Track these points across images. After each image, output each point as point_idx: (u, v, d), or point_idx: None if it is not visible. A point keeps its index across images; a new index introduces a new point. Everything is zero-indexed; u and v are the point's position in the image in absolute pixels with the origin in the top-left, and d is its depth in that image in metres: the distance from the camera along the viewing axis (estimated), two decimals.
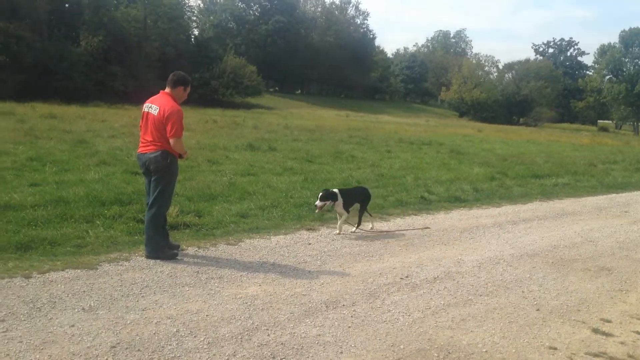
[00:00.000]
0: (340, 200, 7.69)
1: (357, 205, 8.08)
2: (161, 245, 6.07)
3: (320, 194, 7.71)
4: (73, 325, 4.22)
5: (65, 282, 5.13)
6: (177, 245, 6.41)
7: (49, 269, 5.44)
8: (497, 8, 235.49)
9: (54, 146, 13.58)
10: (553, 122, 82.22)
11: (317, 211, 7.89)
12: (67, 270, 5.45)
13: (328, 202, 7.63)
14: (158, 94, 6.17)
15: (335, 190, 7.82)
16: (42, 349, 3.84)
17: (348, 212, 7.79)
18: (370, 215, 8.37)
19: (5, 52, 37.77)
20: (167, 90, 6.13)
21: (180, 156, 6.17)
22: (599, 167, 18.81)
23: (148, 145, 5.99)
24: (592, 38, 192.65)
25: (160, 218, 6.12)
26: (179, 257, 6.11)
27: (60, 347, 3.87)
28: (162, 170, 5.96)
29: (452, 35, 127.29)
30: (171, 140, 5.90)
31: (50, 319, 4.33)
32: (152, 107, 6.02)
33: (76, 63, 43.21)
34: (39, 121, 19.83)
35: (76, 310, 4.52)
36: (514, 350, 4.31)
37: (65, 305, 4.60)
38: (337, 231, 7.77)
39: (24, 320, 4.28)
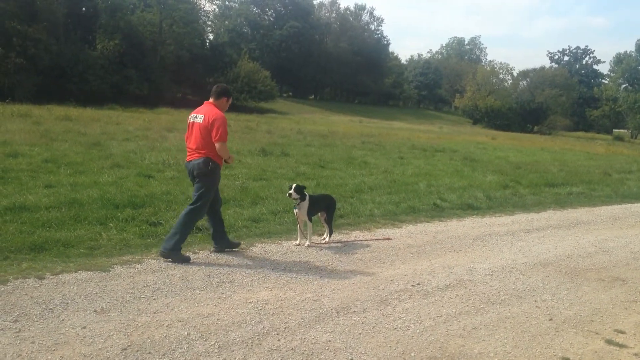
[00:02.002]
0: (306, 202, 7.26)
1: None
2: (179, 247, 6.18)
3: (294, 185, 7.27)
4: (85, 327, 4.25)
5: (78, 283, 5.17)
6: (238, 243, 6.82)
7: (62, 271, 5.48)
8: (513, 15, 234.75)
9: (69, 148, 13.70)
10: (568, 130, 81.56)
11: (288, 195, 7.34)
12: (79, 272, 5.49)
13: (296, 198, 7.19)
14: (202, 105, 6.50)
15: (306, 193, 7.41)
16: (54, 350, 3.86)
17: (310, 220, 7.32)
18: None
19: (23, 54, 38.20)
20: (211, 100, 6.48)
21: (226, 161, 6.50)
22: (614, 177, 18.63)
23: (193, 154, 6.33)
24: (608, 46, 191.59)
25: (194, 219, 6.40)
26: (191, 261, 6.14)
27: (71, 349, 3.89)
28: (205, 176, 6.26)
29: (466, 42, 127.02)
30: (217, 145, 6.21)
31: (63, 320, 4.36)
32: (197, 116, 6.37)
33: (92, 66, 43.62)
34: (55, 123, 20.02)
35: (88, 312, 4.55)
36: None
37: (77, 306, 4.63)
38: (298, 242, 7.29)
39: (37, 321, 4.31)
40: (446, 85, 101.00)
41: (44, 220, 6.96)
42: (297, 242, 7.31)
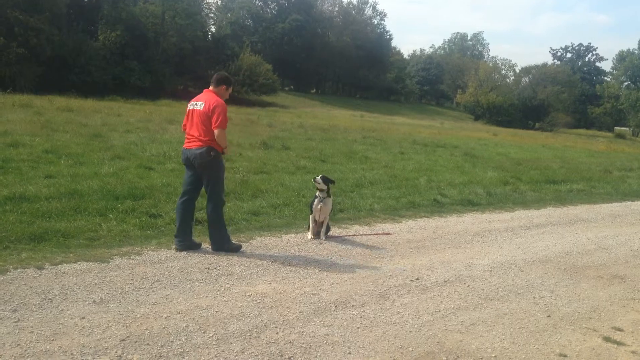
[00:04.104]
0: (331, 199, 7.41)
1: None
2: (226, 238, 6.37)
3: (322, 176, 7.39)
4: (84, 318, 4.26)
5: (77, 274, 5.18)
6: (199, 243, 6.50)
7: (61, 261, 5.49)
8: (516, 11, 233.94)
9: (69, 139, 13.69)
10: (569, 127, 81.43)
11: (314, 182, 7.43)
12: (79, 262, 5.50)
13: (323, 190, 7.26)
14: (202, 93, 6.44)
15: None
16: (53, 340, 3.87)
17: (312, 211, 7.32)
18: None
19: (24, 44, 38.15)
20: (211, 88, 6.43)
21: (223, 151, 6.37)
22: (615, 174, 18.63)
23: (194, 141, 6.24)
24: (611, 44, 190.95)
25: (219, 213, 6.40)
26: (190, 253, 6.15)
27: (70, 339, 3.90)
28: (208, 165, 6.20)
29: (469, 38, 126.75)
30: (215, 131, 6.14)
31: (62, 310, 4.37)
32: (197, 103, 6.31)
33: (94, 57, 43.60)
34: (56, 114, 19.99)
35: (87, 302, 4.56)
36: (523, 357, 4.28)
37: (76, 297, 4.64)
38: (311, 236, 7.28)
39: (36, 311, 4.32)
40: (448, 81, 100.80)
41: (44, 211, 6.96)
42: (310, 236, 7.31)
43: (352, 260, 6.46)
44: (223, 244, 6.32)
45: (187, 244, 6.29)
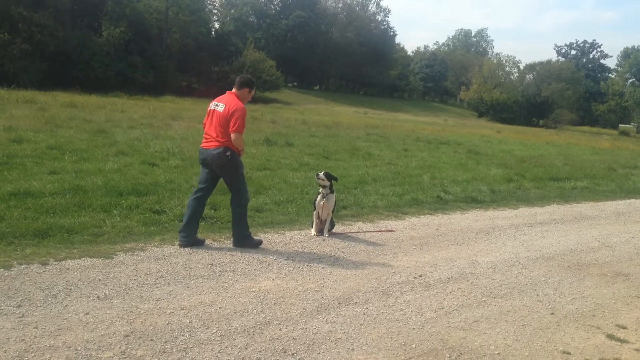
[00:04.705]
0: (334, 196, 7.42)
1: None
2: (247, 233, 6.52)
3: (324, 172, 7.43)
4: (88, 313, 4.27)
5: (81, 270, 5.19)
6: (203, 240, 6.54)
7: (65, 257, 5.50)
8: (521, 8, 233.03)
9: (73, 135, 13.72)
10: (573, 124, 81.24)
11: (316, 179, 7.45)
12: (83, 258, 5.51)
13: (326, 186, 7.28)
14: (224, 94, 6.55)
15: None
16: (57, 335, 3.89)
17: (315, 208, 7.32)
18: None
19: (28, 40, 38.17)
20: (234, 90, 6.52)
21: (238, 153, 6.46)
22: (619, 172, 18.56)
23: (211, 141, 6.34)
24: (616, 41, 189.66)
25: (244, 210, 6.53)
26: (194, 249, 6.16)
27: (74, 334, 3.92)
28: (226, 165, 6.31)
29: (473, 35, 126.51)
30: (232, 135, 6.24)
31: (66, 306, 4.38)
32: (219, 105, 6.41)
33: (98, 53, 43.61)
34: (60, 110, 20.02)
35: (91, 298, 4.57)
36: (526, 354, 4.28)
37: (80, 293, 4.66)
38: (315, 233, 7.29)
39: (40, 306, 4.33)
40: (452, 78, 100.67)
41: (48, 207, 6.98)
42: (314, 233, 7.31)
43: (355, 257, 6.46)
44: (244, 241, 6.44)
45: (191, 240, 6.32)
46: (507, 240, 7.97)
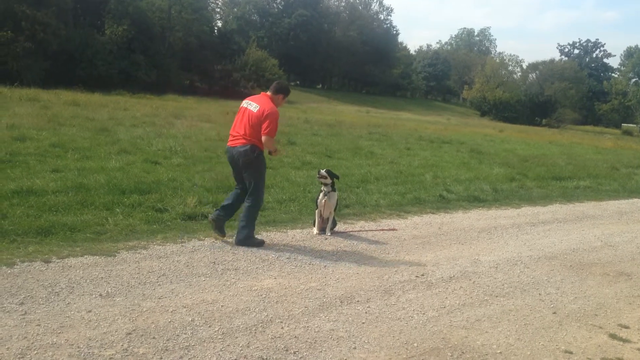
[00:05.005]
0: (336, 194, 7.41)
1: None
2: (251, 234, 6.49)
3: (326, 169, 7.46)
4: (90, 311, 4.28)
5: (84, 268, 5.20)
6: (225, 233, 6.66)
7: (68, 255, 5.51)
8: (523, 7, 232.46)
9: (76, 133, 13.74)
10: (576, 124, 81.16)
11: (317, 177, 7.44)
12: (85, 256, 5.52)
13: (327, 184, 7.27)
14: (259, 95, 6.66)
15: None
16: (60, 332, 3.89)
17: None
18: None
19: (31, 39, 38.21)
20: (269, 93, 6.57)
21: (270, 153, 6.57)
22: (622, 171, 18.53)
23: (238, 139, 6.42)
24: (619, 40, 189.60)
25: (256, 210, 6.56)
26: (196, 248, 6.16)
27: (77, 332, 3.92)
28: (251, 163, 6.37)
29: (476, 34, 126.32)
30: (264, 137, 6.31)
31: (68, 303, 4.39)
32: (252, 104, 6.46)
33: (100, 51, 43.64)
34: (63, 108, 20.05)
35: (94, 296, 4.58)
36: (528, 353, 4.27)
37: (83, 290, 4.66)
38: (317, 231, 7.25)
39: (43, 304, 4.34)
40: (454, 77, 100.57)
41: (50, 205, 6.99)
42: (316, 231, 7.30)
43: (357, 256, 6.46)
44: (246, 241, 6.42)
45: (219, 223, 6.49)
46: (509, 239, 7.96)
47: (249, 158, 6.32)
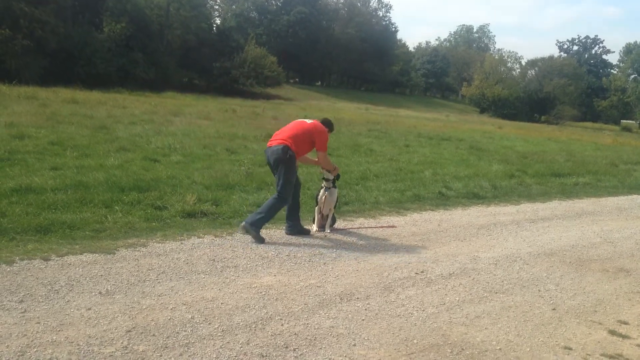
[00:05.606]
0: (337, 190, 7.39)
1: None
2: (260, 225, 6.62)
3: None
4: (90, 309, 4.28)
5: (83, 265, 5.20)
6: (308, 230, 7.15)
7: (67, 252, 5.51)
8: (523, 4, 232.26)
9: (75, 131, 13.72)
10: (575, 120, 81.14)
11: (321, 169, 7.49)
12: (85, 254, 5.52)
13: (329, 179, 7.27)
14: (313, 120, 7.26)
15: None
16: (59, 330, 3.89)
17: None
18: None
19: (30, 36, 38.07)
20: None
21: (328, 171, 7.19)
22: (621, 168, 18.54)
23: (276, 140, 6.75)
24: (618, 36, 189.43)
25: (279, 206, 6.73)
26: (195, 245, 6.16)
27: (76, 330, 3.92)
28: (283, 162, 6.59)
29: (475, 30, 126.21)
30: (319, 153, 6.97)
31: (68, 301, 4.39)
32: (307, 120, 7.13)
33: (99, 49, 43.50)
34: (61, 106, 20.02)
35: (93, 293, 4.58)
36: (528, 349, 4.28)
37: (82, 288, 4.66)
38: (316, 229, 7.25)
39: (42, 301, 4.34)
40: (454, 74, 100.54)
41: (49, 202, 6.99)
42: (316, 228, 7.30)
43: (357, 253, 6.46)
44: (253, 226, 6.48)
45: (295, 229, 6.95)
46: (508, 236, 7.97)
47: (280, 156, 6.55)
